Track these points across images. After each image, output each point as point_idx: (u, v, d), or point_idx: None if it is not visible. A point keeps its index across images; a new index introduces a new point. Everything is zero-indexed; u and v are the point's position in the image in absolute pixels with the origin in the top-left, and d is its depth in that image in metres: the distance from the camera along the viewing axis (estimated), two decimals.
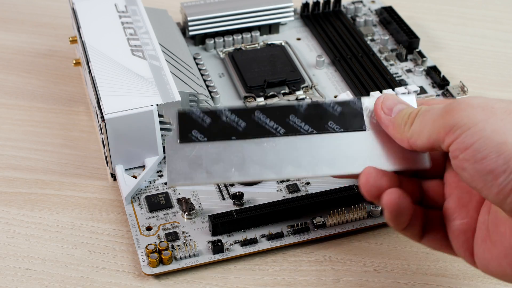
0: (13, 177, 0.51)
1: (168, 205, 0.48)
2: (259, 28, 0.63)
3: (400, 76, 0.59)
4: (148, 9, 0.58)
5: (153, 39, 0.54)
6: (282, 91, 0.57)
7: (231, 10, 0.62)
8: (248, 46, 0.62)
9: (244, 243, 0.46)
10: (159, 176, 0.50)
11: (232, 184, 0.50)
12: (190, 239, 0.46)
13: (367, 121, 0.41)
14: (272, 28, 0.64)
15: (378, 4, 0.68)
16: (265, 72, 0.58)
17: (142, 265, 0.44)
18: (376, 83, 0.57)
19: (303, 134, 0.41)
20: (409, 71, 0.60)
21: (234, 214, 0.46)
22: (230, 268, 0.45)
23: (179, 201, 0.48)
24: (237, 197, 0.48)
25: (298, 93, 0.57)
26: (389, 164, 0.40)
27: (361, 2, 0.67)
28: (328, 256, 0.46)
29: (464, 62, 0.63)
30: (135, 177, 0.49)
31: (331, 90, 0.58)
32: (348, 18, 0.65)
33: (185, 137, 0.41)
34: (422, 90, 0.58)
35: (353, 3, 0.67)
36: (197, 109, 0.41)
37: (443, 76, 0.58)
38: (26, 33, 0.66)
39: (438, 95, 0.57)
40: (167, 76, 0.51)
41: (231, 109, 0.41)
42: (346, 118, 0.41)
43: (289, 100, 0.56)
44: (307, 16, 0.65)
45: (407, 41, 0.61)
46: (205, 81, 0.57)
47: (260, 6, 0.62)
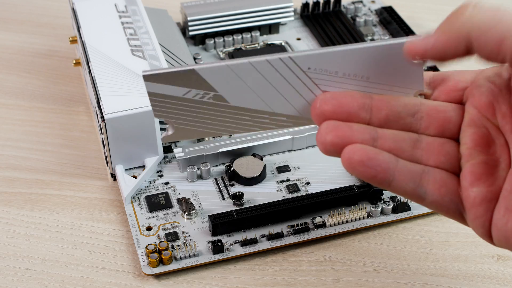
0: (13, 177, 0.51)
1: (168, 205, 0.48)
2: (259, 28, 0.63)
3: None
4: (148, 9, 0.58)
5: (153, 39, 0.54)
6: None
7: (231, 10, 0.62)
8: (248, 46, 0.62)
9: (244, 243, 0.46)
10: (159, 176, 0.50)
11: (232, 184, 0.50)
12: (190, 239, 0.46)
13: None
14: (272, 28, 0.64)
15: (378, 4, 0.68)
16: None
17: (142, 265, 0.44)
18: None
19: None
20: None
21: (234, 214, 0.46)
22: (230, 268, 0.45)
23: (179, 201, 0.48)
24: (237, 197, 0.48)
25: None
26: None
27: (361, 2, 0.67)
28: (328, 256, 0.46)
29: (464, 62, 0.63)
30: (135, 177, 0.49)
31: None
32: (348, 18, 0.65)
33: None
34: None
35: (353, 3, 0.67)
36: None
37: None
38: (26, 33, 0.66)
39: None
40: None
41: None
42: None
43: None
44: (307, 16, 0.65)
45: None
46: None
47: (260, 6, 0.62)
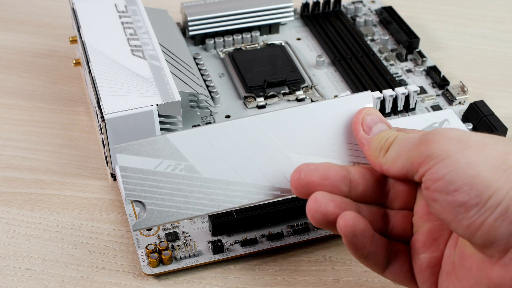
0: (13, 177, 0.51)
1: None
2: (259, 28, 0.63)
3: (400, 76, 0.59)
4: (148, 9, 0.58)
5: (153, 39, 0.54)
6: (282, 91, 0.57)
7: (231, 10, 0.62)
8: (248, 46, 0.62)
9: (244, 243, 0.46)
10: None
11: None
12: (190, 239, 0.46)
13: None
14: (272, 28, 0.64)
15: (378, 4, 0.68)
16: (265, 72, 0.58)
17: (142, 265, 0.44)
18: (376, 83, 0.57)
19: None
20: (409, 71, 0.60)
21: (234, 214, 0.46)
22: (230, 268, 0.45)
23: None
24: None
25: (298, 93, 0.57)
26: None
27: (361, 2, 0.67)
28: (328, 256, 0.46)
29: (464, 62, 0.63)
30: None
31: (331, 90, 0.58)
32: (348, 18, 0.65)
33: None
34: (422, 90, 0.58)
35: (353, 3, 0.67)
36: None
37: (443, 76, 0.58)
38: (26, 33, 0.66)
39: (438, 95, 0.57)
40: (167, 76, 0.51)
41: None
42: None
43: (289, 100, 0.56)
44: (307, 16, 0.65)
45: (407, 41, 0.61)
46: (205, 81, 0.57)
47: (260, 6, 0.62)
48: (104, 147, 0.50)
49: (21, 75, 0.61)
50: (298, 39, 0.64)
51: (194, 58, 0.60)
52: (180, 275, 0.45)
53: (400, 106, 0.55)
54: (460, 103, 0.57)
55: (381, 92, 0.54)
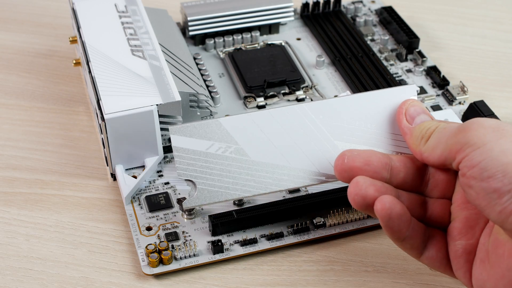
0: (13, 177, 0.51)
1: (168, 205, 0.48)
2: (259, 28, 0.63)
3: (400, 76, 0.59)
4: (148, 9, 0.58)
5: (153, 39, 0.54)
6: (282, 91, 0.57)
7: (231, 10, 0.61)
8: (248, 46, 0.62)
9: (244, 243, 0.46)
10: (159, 176, 0.50)
11: None
12: (190, 239, 0.46)
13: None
14: (272, 28, 0.64)
15: (378, 4, 0.68)
16: (265, 72, 0.58)
17: (142, 265, 0.44)
18: (376, 83, 0.57)
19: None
20: (409, 71, 0.60)
21: (234, 214, 0.46)
22: (230, 268, 0.45)
23: (179, 201, 0.48)
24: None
25: (298, 93, 0.57)
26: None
27: (361, 2, 0.67)
28: (328, 256, 0.46)
29: (464, 62, 0.63)
30: (135, 177, 0.49)
31: (331, 90, 0.58)
32: (348, 18, 0.65)
33: None
34: (422, 90, 0.58)
35: (353, 3, 0.67)
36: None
37: (443, 76, 0.58)
38: (26, 33, 0.66)
39: (438, 95, 0.57)
40: (167, 76, 0.51)
41: None
42: None
43: (289, 100, 0.56)
44: (307, 16, 0.65)
45: (407, 41, 0.61)
46: (205, 81, 0.57)
47: (260, 6, 0.62)
48: (104, 147, 0.50)
49: (21, 75, 0.61)
50: (298, 39, 0.64)
51: (194, 58, 0.60)
52: (180, 275, 0.45)
53: None
54: (460, 103, 0.57)
55: None
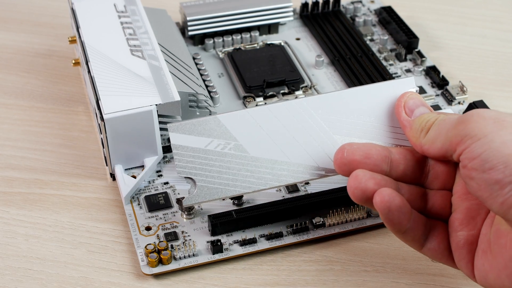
0: (12, 177, 0.51)
1: (167, 205, 0.48)
2: (258, 28, 0.63)
3: (400, 76, 0.59)
4: (147, 9, 0.58)
5: (152, 39, 0.54)
6: (282, 91, 0.57)
7: (231, 10, 0.61)
8: (247, 46, 0.62)
9: (244, 243, 0.46)
10: (158, 176, 0.50)
11: None
12: (190, 239, 0.46)
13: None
14: (271, 28, 0.64)
15: (377, 4, 0.68)
16: (264, 72, 0.58)
17: (142, 265, 0.44)
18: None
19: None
20: (408, 71, 0.60)
21: (234, 214, 0.46)
22: (229, 268, 0.45)
23: (178, 201, 0.48)
24: (237, 197, 0.48)
25: (297, 93, 0.57)
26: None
27: (360, 2, 0.67)
28: (327, 256, 0.46)
29: (464, 62, 0.63)
30: (134, 177, 0.49)
31: (330, 90, 0.58)
32: (347, 18, 0.65)
33: None
34: (422, 90, 0.58)
35: (352, 3, 0.67)
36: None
37: (443, 76, 0.58)
38: (25, 33, 0.66)
39: (437, 95, 0.57)
40: (166, 76, 0.51)
41: None
42: None
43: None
44: (307, 16, 0.65)
45: (406, 41, 0.61)
46: (204, 81, 0.57)
47: (259, 6, 0.62)
48: (103, 147, 0.50)
49: (20, 75, 0.61)
50: (298, 39, 0.64)
51: (194, 58, 0.60)
52: (179, 275, 0.45)
53: None
54: (459, 103, 0.57)
55: None
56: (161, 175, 0.50)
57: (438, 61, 0.62)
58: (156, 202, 0.48)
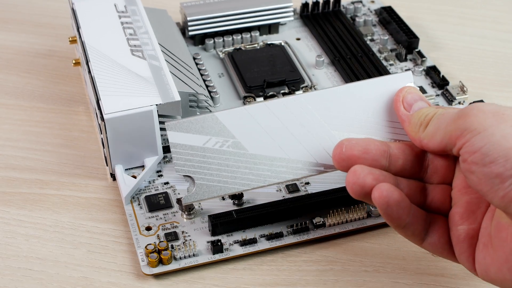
0: (12, 177, 0.51)
1: (167, 205, 0.48)
2: (258, 28, 0.63)
3: None
4: (147, 9, 0.58)
5: (152, 39, 0.54)
6: (282, 91, 0.57)
7: (231, 10, 0.61)
8: (247, 46, 0.62)
9: (244, 243, 0.46)
10: (158, 176, 0.50)
11: None
12: (190, 239, 0.46)
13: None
14: (271, 28, 0.64)
15: (378, 4, 0.68)
16: (264, 72, 0.58)
17: (142, 265, 0.44)
18: None
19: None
20: (408, 71, 0.60)
21: (234, 214, 0.46)
22: (229, 268, 0.45)
23: (178, 201, 0.48)
24: (237, 197, 0.48)
25: (297, 93, 0.57)
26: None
27: (361, 2, 0.67)
28: (327, 256, 0.46)
29: (464, 62, 0.63)
30: (134, 177, 0.49)
31: None
32: (348, 18, 0.65)
33: None
34: (422, 90, 0.58)
35: (353, 3, 0.67)
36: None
37: (443, 76, 0.58)
38: (25, 33, 0.66)
39: (437, 95, 0.57)
40: (166, 76, 0.51)
41: None
42: None
43: None
44: (307, 16, 0.65)
45: (406, 41, 0.61)
46: (204, 81, 0.57)
47: (259, 6, 0.62)
48: (103, 147, 0.50)
49: (21, 75, 0.61)
50: (298, 39, 0.64)
51: (194, 58, 0.60)
52: (179, 275, 0.45)
53: None
54: (459, 103, 0.57)
55: None
56: (161, 175, 0.50)
57: (438, 61, 0.62)
58: (157, 202, 0.48)
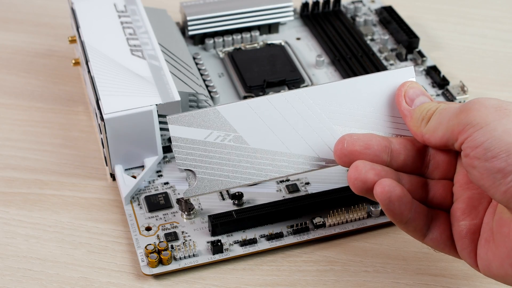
0: (12, 177, 0.51)
1: (167, 205, 0.48)
2: (258, 27, 0.63)
3: None
4: (147, 9, 0.58)
5: (152, 39, 0.54)
6: (282, 91, 0.57)
7: (231, 9, 0.61)
8: (247, 46, 0.62)
9: (244, 243, 0.46)
10: (158, 176, 0.50)
11: None
12: (190, 239, 0.46)
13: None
14: (271, 28, 0.64)
15: (378, 3, 0.68)
16: (264, 71, 0.58)
17: (142, 265, 0.44)
18: None
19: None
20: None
21: (234, 214, 0.46)
22: (229, 268, 0.45)
23: (178, 201, 0.48)
24: (237, 197, 0.48)
25: None
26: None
27: (361, 1, 0.67)
28: (327, 256, 0.46)
29: (464, 62, 0.63)
30: (134, 177, 0.49)
31: None
32: (348, 17, 0.65)
33: None
34: None
35: (353, 2, 0.67)
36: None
37: (443, 75, 0.58)
38: (25, 33, 0.66)
39: (438, 95, 0.57)
40: (166, 76, 0.51)
41: None
42: None
43: None
44: (307, 16, 0.65)
45: (407, 40, 0.61)
46: (204, 81, 0.57)
47: (259, 6, 0.62)
48: (103, 147, 0.50)
49: (20, 75, 0.61)
50: (298, 38, 0.63)
51: (194, 58, 0.60)
52: (179, 275, 0.45)
53: None
54: (460, 102, 0.57)
55: None
56: (161, 175, 0.50)
57: (438, 61, 0.62)
58: (156, 202, 0.48)
